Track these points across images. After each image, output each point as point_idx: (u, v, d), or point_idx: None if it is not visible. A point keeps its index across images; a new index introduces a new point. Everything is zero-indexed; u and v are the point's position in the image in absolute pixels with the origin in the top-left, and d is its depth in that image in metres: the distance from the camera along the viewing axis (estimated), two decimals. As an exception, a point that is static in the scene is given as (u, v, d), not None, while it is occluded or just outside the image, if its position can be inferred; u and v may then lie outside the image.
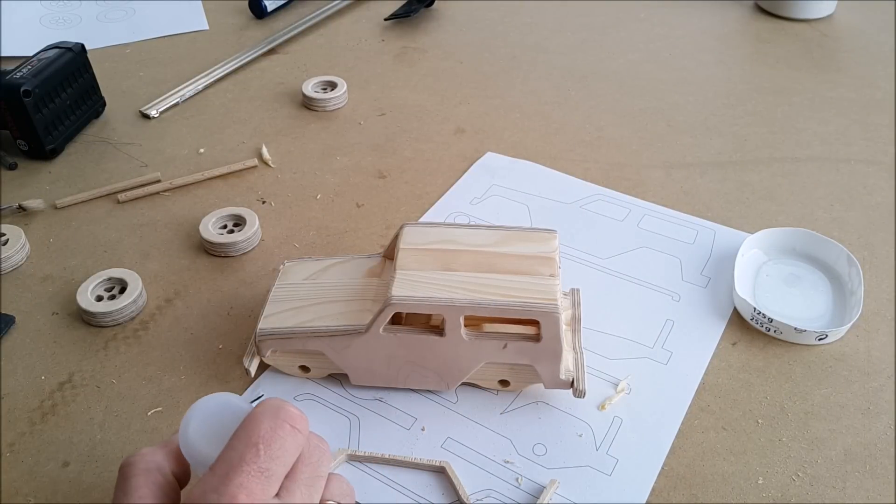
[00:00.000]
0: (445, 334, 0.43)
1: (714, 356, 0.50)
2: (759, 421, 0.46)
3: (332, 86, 0.76)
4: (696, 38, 0.87)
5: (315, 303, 0.47)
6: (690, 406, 0.47)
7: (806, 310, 0.52)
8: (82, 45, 0.70)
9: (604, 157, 0.68)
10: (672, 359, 0.49)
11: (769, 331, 0.51)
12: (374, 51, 0.85)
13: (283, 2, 0.92)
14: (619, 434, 0.45)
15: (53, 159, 0.68)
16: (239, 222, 0.59)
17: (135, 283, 0.53)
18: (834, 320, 0.52)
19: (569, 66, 0.81)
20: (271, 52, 0.84)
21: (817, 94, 0.76)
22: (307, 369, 0.48)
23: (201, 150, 0.69)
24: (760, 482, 0.43)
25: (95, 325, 0.52)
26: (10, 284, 0.56)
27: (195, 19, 0.90)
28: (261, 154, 0.68)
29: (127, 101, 0.76)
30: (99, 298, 0.53)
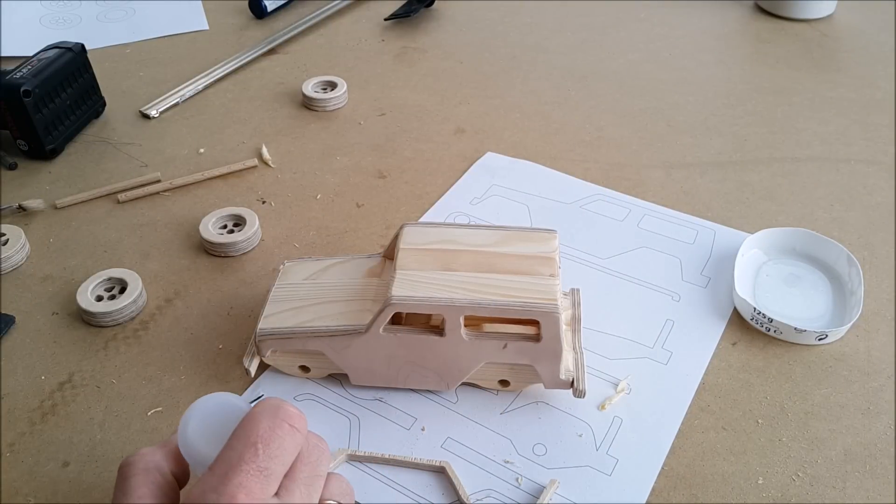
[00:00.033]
0: (445, 334, 0.43)
1: (714, 356, 0.50)
2: (759, 421, 0.46)
3: (332, 86, 0.76)
4: (696, 38, 0.87)
5: (315, 303, 0.47)
6: (690, 406, 0.47)
7: (806, 310, 0.52)
8: (82, 45, 0.70)
9: (604, 157, 0.68)
10: (672, 359, 0.49)
11: (769, 331, 0.51)
12: (374, 51, 0.85)
13: (283, 2, 0.92)
14: (619, 434, 0.45)
15: (53, 159, 0.68)
16: (239, 222, 0.59)
17: (135, 283, 0.53)
18: (834, 320, 0.52)
19: (569, 66, 0.81)
20: (271, 52, 0.84)
21: (817, 94, 0.76)
22: (307, 369, 0.48)
23: (201, 150, 0.69)
24: (760, 482, 0.43)
25: (95, 325, 0.52)
26: (10, 284, 0.56)
27: (195, 19, 0.90)
28: (261, 154, 0.68)
29: (127, 101, 0.76)
30: (99, 298, 0.53)
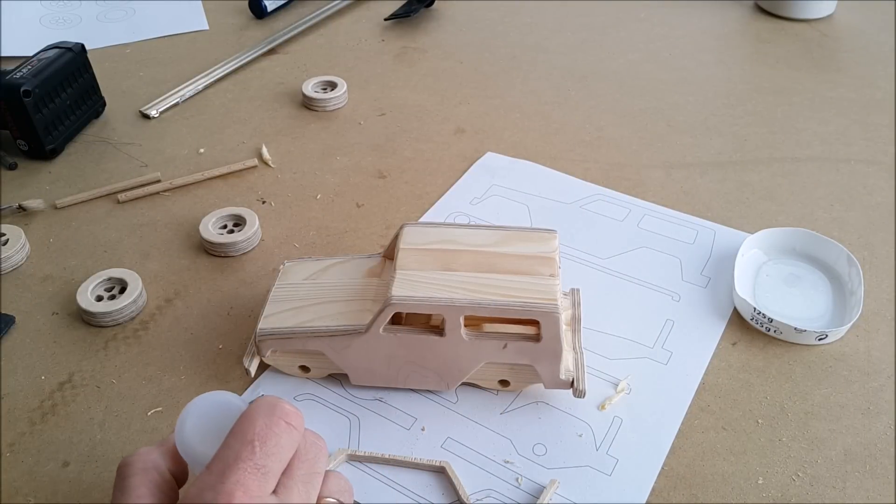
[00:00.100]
0: (445, 334, 0.43)
1: (714, 356, 0.50)
2: (759, 421, 0.46)
3: (332, 86, 0.76)
4: (696, 38, 0.87)
5: (315, 303, 0.47)
6: (690, 406, 0.47)
7: (806, 310, 0.52)
8: (82, 45, 0.70)
9: (604, 157, 0.68)
10: (672, 359, 0.49)
11: (769, 331, 0.51)
12: (374, 51, 0.85)
13: (283, 2, 0.92)
14: (619, 434, 0.45)
15: (53, 159, 0.68)
16: (239, 222, 0.59)
17: (135, 283, 0.53)
18: (834, 320, 0.52)
19: (569, 66, 0.81)
20: (271, 52, 0.84)
21: (817, 94, 0.76)
22: (307, 369, 0.48)
23: (201, 150, 0.69)
24: (760, 482, 0.43)
25: (95, 325, 0.52)
26: (10, 284, 0.56)
27: (195, 19, 0.90)
28: (261, 154, 0.68)
29: (127, 101, 0.76)
30: (99, 298, 0.53)
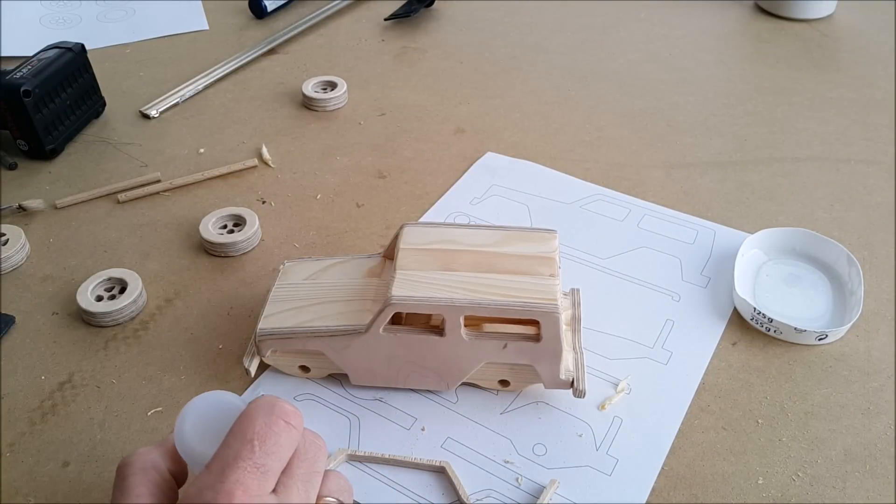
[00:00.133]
0: (445, 334, 0.43)
1: (714, 356, 0.50)
2: (759, 421, 0.46)
3: (332, 86, 0.76)
4: (696, 38, 0.87)
5: (315, 303, 0.47)
6: (690, 406, 0.47)
7: (806, 310, 0.52)
8: (82, 45, 0.70)
9: (604, 157, 0.68)
10: (672, 359, 0.49)
11: (769, 331, 0.51)
12: (374, 51, 0.85)
13: (283, 2, 0.92)
14: (619, 434, 0.45)
15: (53, 159, 0.68)
16: (239, 222, 0.59)
17: (135, 283, 0.53)
18: (834, 320, 0.52)
19: (569, 66, 0.81)
20: (271, 52, 0.84)
21: (817, 94, 0.76)
22: (307, 369, 0.48)
23: (201, 150, 0.69)
24: (760, 482, 0.43)
25: (95, 325, 0.52)
26: (10, 284, 0.56)
27: (195, 19, 0.90)
28: (261, 154, 0.68)
29: (127, 101, 0.76)
30: (99, 298, 0.53)
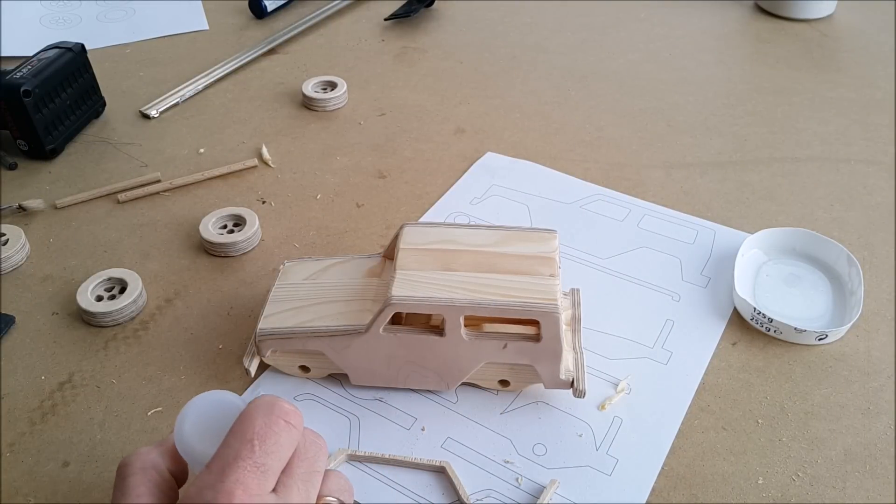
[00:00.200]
0: (445, 334, 0.43)
1: (714, 356, 0.50)
2: (759, 421, 0.46)
3: (332, 86, 0.76)
4: (696, 38, 0.87)
5: (315, 303, 0.47)
6: (690, 406, 0.47)
7: (806, 310, 0.52)
8: (82, 45, 0.70)
9: (604, 157, 0.68)
10: (672, 359, 0.49)
11: (769, 331, 0.51)
12: (374, 51, 0.85)
13: (283, 2, 0.92)
14: (619, 434, 0.45)
15: (53, 159, 0.68)
16: (239, 222, 0.59)
17: (135, 283, 0.53)
18: (834, 320, 0.52)
19: (569, 66, 0.81)
20: (271, 52, 0.84)
21: (817, 94, 0.76)
22: (307, 369, 0.48)
23: (201, 150, 0.69)
24: (760, 482, 0.43)
25: (95, 325, 0.52)
26: (10, 284, 0.56)
27: (195, 19, 0.90)
28: (261, 154, 0.68)
29: (127, 101, 0.76)
30: (99, 298, 0.53)
